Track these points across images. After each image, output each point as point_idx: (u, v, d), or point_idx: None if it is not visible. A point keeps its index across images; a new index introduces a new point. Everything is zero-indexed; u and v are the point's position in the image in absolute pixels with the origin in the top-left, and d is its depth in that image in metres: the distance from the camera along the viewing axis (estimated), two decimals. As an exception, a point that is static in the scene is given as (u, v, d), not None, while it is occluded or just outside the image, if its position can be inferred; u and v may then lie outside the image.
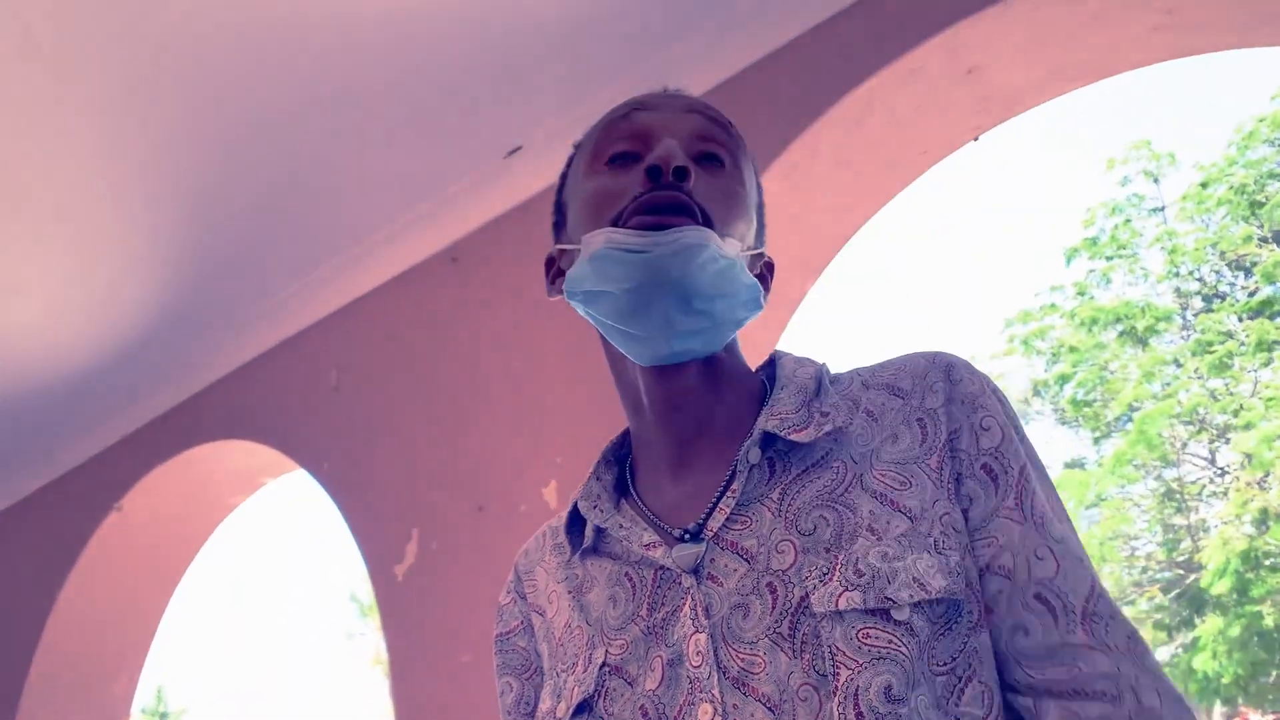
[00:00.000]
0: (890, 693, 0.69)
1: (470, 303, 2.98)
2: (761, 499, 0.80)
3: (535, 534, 0.98)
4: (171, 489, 3.92)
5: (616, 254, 0.79)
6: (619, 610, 0.82)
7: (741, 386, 0.88)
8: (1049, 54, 2.30)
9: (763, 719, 0.71)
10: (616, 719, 0.77)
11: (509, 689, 0.93)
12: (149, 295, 3.28)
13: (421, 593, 2.85)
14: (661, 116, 0.87)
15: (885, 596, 0.71)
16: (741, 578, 0.76)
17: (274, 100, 2.56)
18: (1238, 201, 14.65)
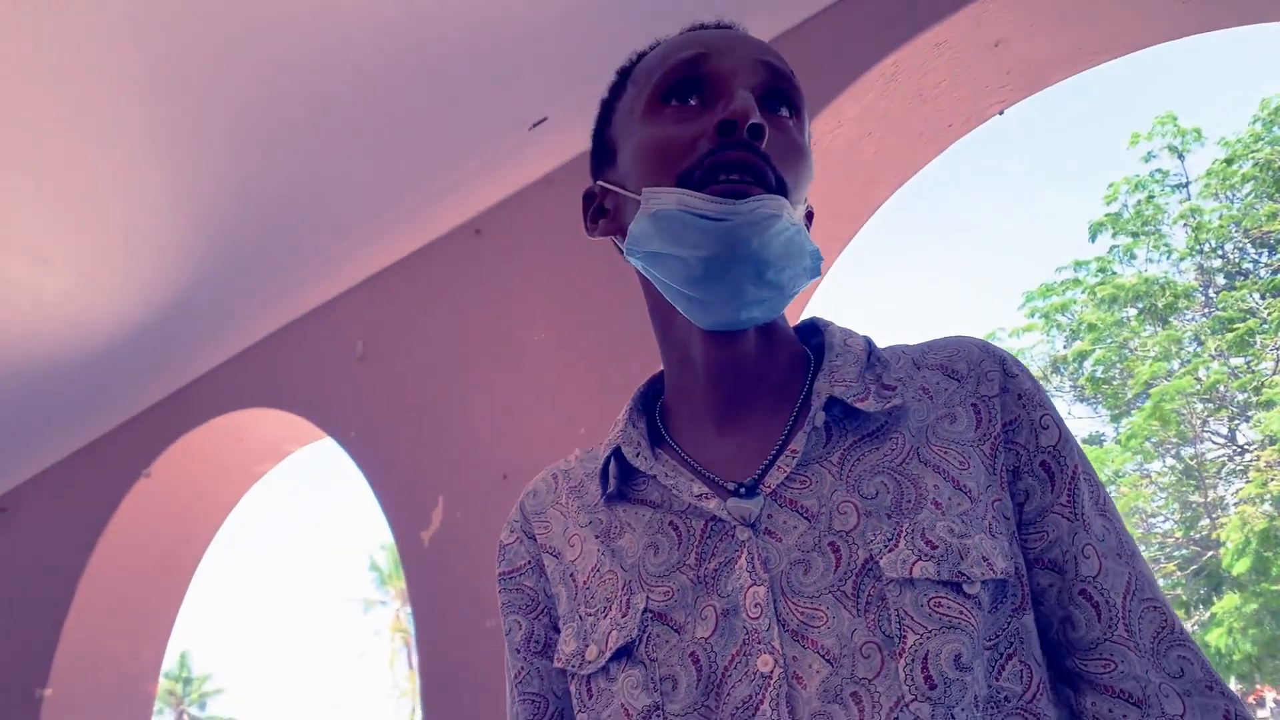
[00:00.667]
0: (959, 660, 0.71)
1: (494, 274, 3.01)
2: (821, 461, 0.80)
3: (541, 476, 0.96)
4: (199, 456, 3.98)
5: (690, 219, 0.76)
6: (661, 558, 0.82)
7: (790, 350, 0.87)
8: (1076, 27, 2.30)
9: (820, 669, 0.73)
10: (662, 664, 0.77)
11: (517, 626, 0.92)
12: (178, 265, 3.32)
13: (447, 558, 2.90)
14: (730, 62, 0.82)
15: (959, 571, 0.73)
16: (802, 535, 0.77)
17: (305, 77, 2.58)
18: (1263, 178, 14.49)
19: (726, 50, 0.83)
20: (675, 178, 0.78)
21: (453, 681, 2.80)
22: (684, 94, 0.82)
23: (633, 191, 0.83)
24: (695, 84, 0.82)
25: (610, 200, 0.88)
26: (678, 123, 0.81)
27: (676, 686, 0.76)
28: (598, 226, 0.91)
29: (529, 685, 0.91)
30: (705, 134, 0.79)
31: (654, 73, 0.85)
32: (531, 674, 0.91)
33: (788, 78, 0.84)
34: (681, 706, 0.76)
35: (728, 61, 0.82)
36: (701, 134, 0.79)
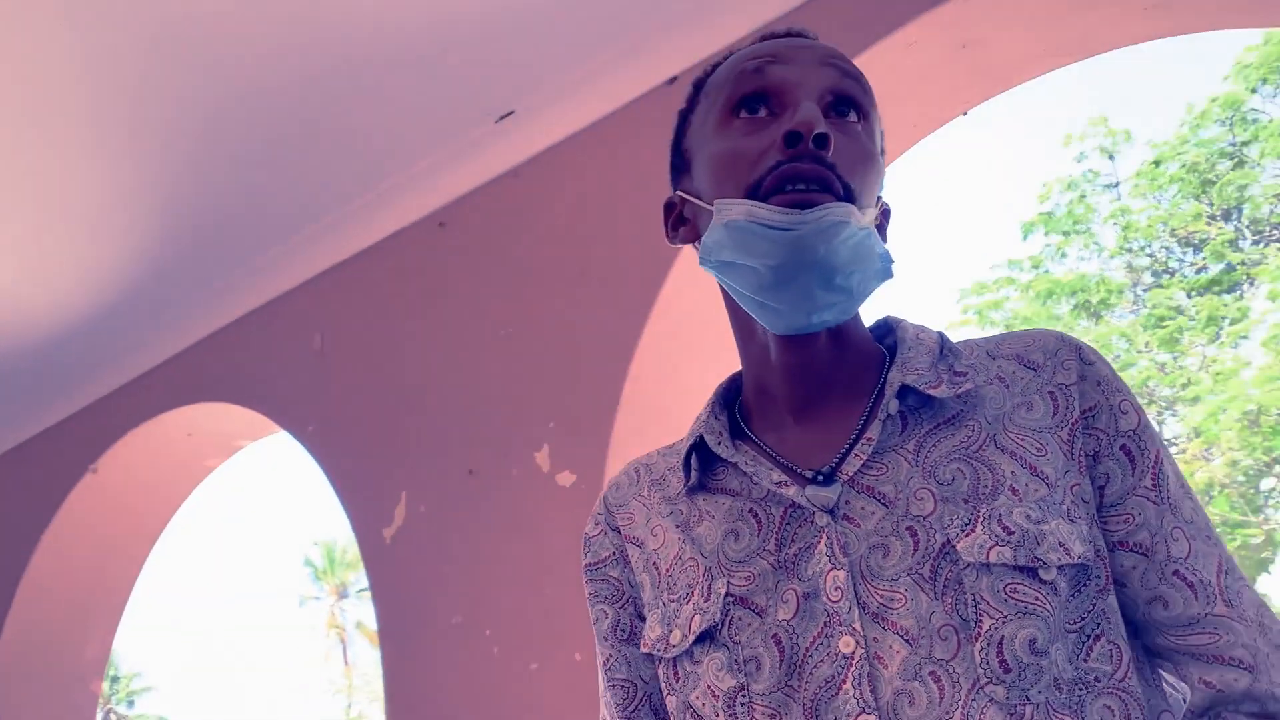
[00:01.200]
0: (1034, 645, 0.73)
1: (458, 268, 2.98)
2: (897, 448, 0.83)
3: (624, 470, 1.00)
4: (148, 451, 3.89)
5: (759, 229, 0.79)
6: (741, 544, 0.85)
7: (864, 347, 0.90)
8: (1044, 30, 2.35)
9: (899, 649, 0.75)
10: (745, 646, 0.80)
11: (604, 615, 0.95)
12: (130, 256, 3.25)
13: (411, 555, 2.87)
14: (796, 71, 0.85)
15: (1035, 557, 0.75)
16: (880, 520, 0.80)
17: (261, 62, 2.54)
18: (1189, 180, 14.91)
19: (792, 59, 0.86)
20: (745, 189, 0.82)
21: (418, 679, 2.78)
22: (753, 105, 0.85)
23: (706, 202, 0.86)
24: (763, 95, 0.85)
25: (689, 209, 0.92)
26: (747, 134, 0.84)
27: (760, 667, 0.79)
28: (678, 234, 0.94)
29: (617, 672, 0.94)
30: (773, 145, 0.81)
31: (724, 85, 0.88)
32: (619, 661, 0.94)
33: (854, 80, 0.86)
34: (766, 686, 0.79)
35: (794, 71, 0.85)
36: (770, 145, 0.82)
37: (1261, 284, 13.51)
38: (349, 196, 3.08)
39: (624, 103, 2.69)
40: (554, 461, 2.60)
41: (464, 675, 2.67)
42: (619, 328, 2.57)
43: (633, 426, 2.55)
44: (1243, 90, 14.27)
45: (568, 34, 2.56)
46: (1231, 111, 14.47)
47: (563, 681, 2.46)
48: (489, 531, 2.70)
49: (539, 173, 2.86)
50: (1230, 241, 14.56)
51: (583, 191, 2.75)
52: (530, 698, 2.52)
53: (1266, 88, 14.25)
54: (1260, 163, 14.46)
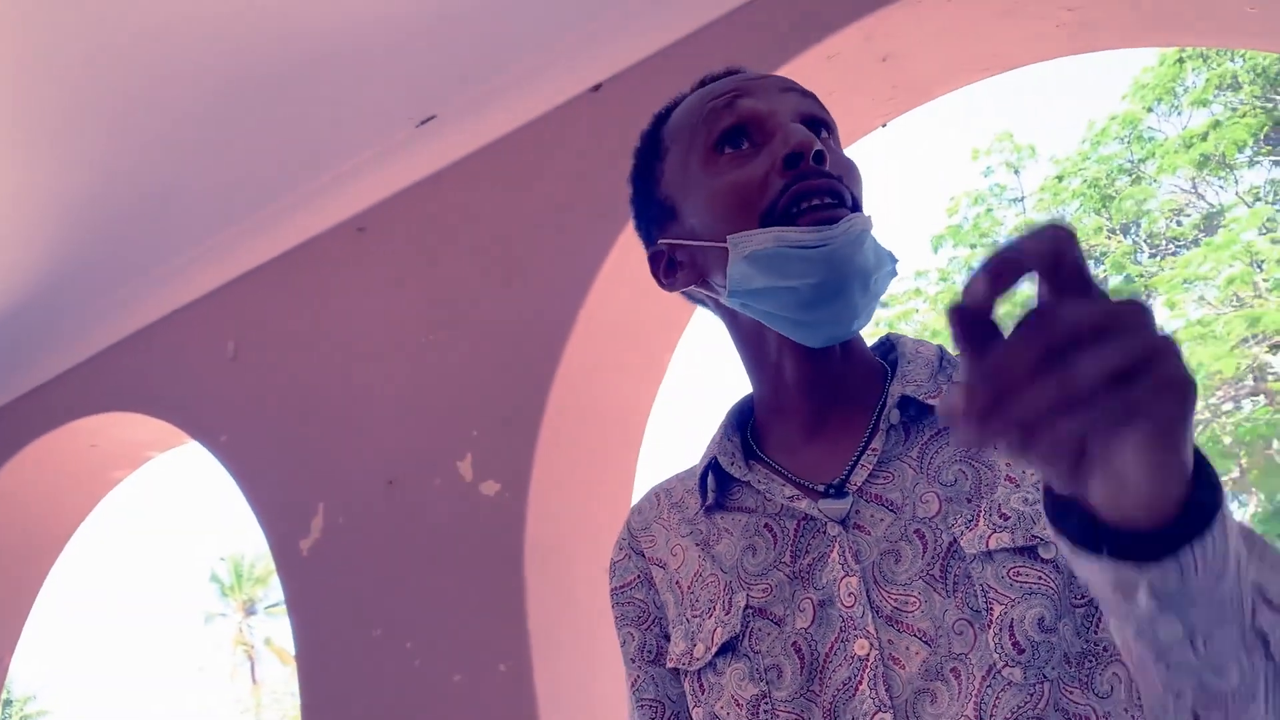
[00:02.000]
0: (1043, 623, 0.75)
1: (378, 274, 2.94)
2: (901, 457, 0.86)
3: (645, 495, 1.03)
4: (50, 463, 3.75)
5: (792, 252, 0.82)
6: (759, 558, 0.88)
7: (868, 362, 0.94)
8: (960, 45, 2.40)
9: (918, 650, 0.78)
10: (766, 655, 0.83)
11: (630, 638, 0.98)
12: (30, 258, 3.12)
13: (329, 568, 2.81)
14: (765, 101, 0.88)
15: (1032, 535, 0.78)
16: (889, 526, 0.83)
17: (174, 58, 2.47)
18: (1090, 194, 15.44)
19: (755, 90, 0.90)
20: (758, 217, 0.84)
21: (338, 695, 2.72)
22: (735, 140, 0.88)
23: (713, 240, 0.88)
24: (742, 129, 0.88)
25: (683, 254, 0.93)
26: (739, 167, 0.87)
27: (781, 675, 0.82)
28: (676, 280, 0.95)
29: (645, 692, 0.96)
30: (773, 169, 0.84)
31: (697, 128, 0.91)
32: (647, 682, 0.96)
33: (816, 101, 0.91)
34: (788, 693, 0.82)
35: (763, 101, 0.89)
36: (769, 170, 0.85)
37: (1158, 295, 14.03)
38: (265, 199, 3.01)
39: (548, 109, 2.68)
40: (477, 471, 2.57)
41: (385, 689, 2.62)
42: (543, 335, 2.55)
43: (558, 435, 2.53)
44: (1140, 109, 14.83)
45: (492, 39, 2.54)
46: (1129, 129, 15.04)
47: (487, 693, 2.43)
48: (410, 543, 2.66)
49: (461, 178, 2.83)
50: (1129, 254, 15.12)
51: (506, 197, 2.72)
52: (453, 711, 2.48)
53: (1161, 107, 14.83)
54: (1156, 179, 15.04)
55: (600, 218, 2.51)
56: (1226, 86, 13.89)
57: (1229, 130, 13.49)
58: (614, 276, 2.52)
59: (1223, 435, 13.16)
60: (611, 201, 2.50)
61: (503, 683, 2.40)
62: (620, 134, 2.56)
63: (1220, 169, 14.32)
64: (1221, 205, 14.83)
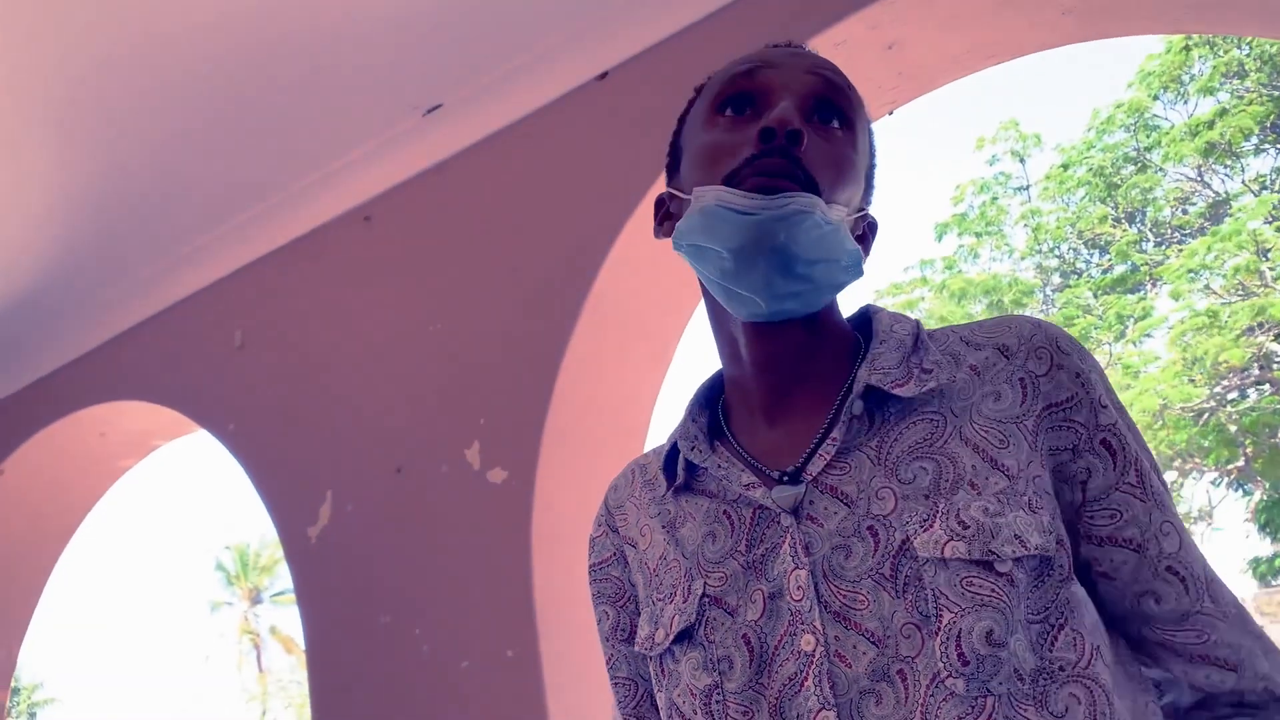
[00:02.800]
0: (991, 636, 0.74)
1: (385, 263, 2.94)
2: (860, 447, 0.84)
3: (623, 470, 1.02)
4: (58, 451, 3.77)
5: (724, 212, 0.81)
6: (718, 545, 0.86)
7: (838, 340, 0.91)
8: (966, 32, 2.40)
9: (866, 650, 0.77)
10: (719, 645, 0.82)
11: (605, 616, 0.99)
12: (41, 247, 3.13)
13: (338, 555, 2.83)
14: (782, 75, 0.88)
15: (989, 550, 0.76)
16: (842, 520, 0.81)
17: (183, 50, 2.47)
18: (1096, 183, 15.39)
19: (780, 64, 0.89)
20: (720, 179, 0.84)
21: (346, 681, 2.74)
22: (739, 105, 0.88)
23: (687, 194, 0.88)
24: (749, 97, 0.88)
25: (675, 205, 0.93)
26: (729, 130, 0.87)
27: (732, 666, 0.81)
28: (663, 229, 0.95)
29: (619, 670, 0.97)
30: (749, 140, 0.84)
31: (715, 86, 0.92)
32: (620, 660, 0.97)
33: (841, 90, 0.88)
34: (738, 685, 0.80)
35: (780, 74, 0.88)
36: (746, 140, 0.84)
37: (1164, 284, 13.99)
38: (272, 189, 3.01)
39: (554, 97, 2.68)
40: (484, 458, 2.58)
41: (393, 675, 2.64)
42: (550, 323, 2.56)
43: (565, 422, 2.54)
44: (1145, 97, 14.77)
45: (498, 27, 2.54)
46: (1135, 117, 14.97)
47: (495, 679, 2.44)
48: (418, 530, 2.67)
49: (467, 167, 2.83)
50: (1134, 243, 15.07)
51: (513, 186, 2.73)
52: (461, 696, 2.50)
53: (1167, 95, 14.77)
54: (1162, 167, 14.99)
55: (607, 206, 2.51)
56: (1233, 74, 13.83)
57: (1235, 118, 13.43)
58: (620, 264, 2.53)
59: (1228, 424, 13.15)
60: (618, 190, 2.51)
61: (510, 668, 2.41)
62: (626, 122, 2.57)
63: (1226, 157, 14.27)
64: (1228, 193, 14.77)
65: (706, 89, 0.94)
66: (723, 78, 0.91)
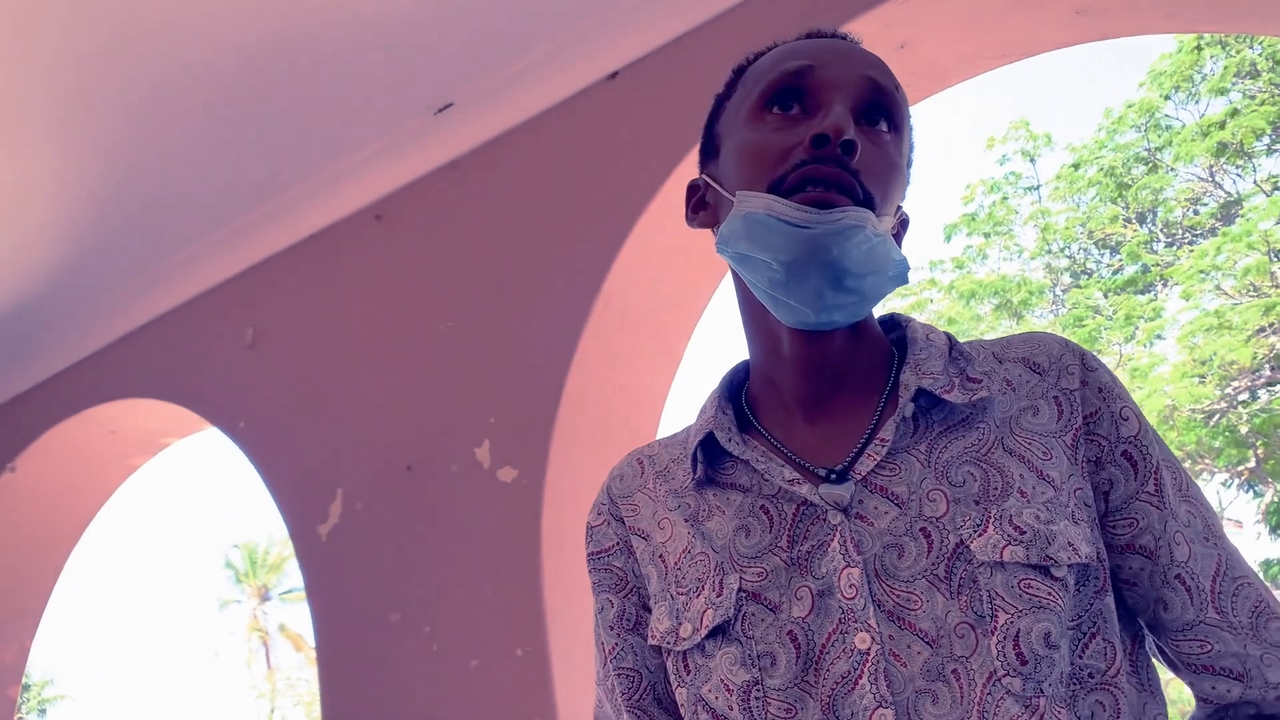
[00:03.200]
0: (1049, 638, 0.75)
1: (396, 261, 2.95)
2: (909, 449, 0.84)
3: (626, 460, 1.01)
4: (70, 449, 3.78)
5: (776, 224, 0.81)
6: (753, 540, 0.85)
7: (875, 344, 0.91)
8: (979, 31, 2.39)
9: (920, 650, 0.77)
10: (759, 641, 0.82)
11: (609, 605, 0.96)
12: (52, 246, 3.15)
13: (348, 553, 2.83)
14: (835, 74, 0.86)
15: (1047, 555, 0.77)
16: (894, 520, 0.81)
17: (194, 48, 2.48)
18: (1106, 183, 15.33)
19: (832, 62, 0.86)
20: (768, 184, 0.83)
21: (356, 679, 2.74)
22: (786, 102, 0.86)
23: (728, 191, 0.87)
24: (798, 93, 0.86)
25: (711, 195, 0.92)
26: (776, 130, 0.85)
27: (775, 663, 0.81)
28: (697, 217, 0.94)
29: (623, 660, 0.95)
30: (800, 144, 0.82)
31: (762, 78, 0.88)
32: (625, 650, 0.95)
33: (890, 93, 0.87)
34: (782, 682, 0.80)
35: (831, 73, 0.86)
36: (797, 144, 0.83)
37: (1175, 284, 13.94)
38: (283, 187, 3.02)
39: (565, 96, 2.68)
40: (495, 457, 2.58)
41: (403, 673, 2.64)
42: (561, 322, 2.56)
43: (575, 421, 2.55)
44: (1157, 97, 14.71)
45: (509, 26, 2.54)
46: (1146, 117, 14.91)
47: (504, 678, 2.44)
48: (428, 528, 2.68)
49: (478, 166, 2.83)
50: (1145, 243, 15.02)
51: (524, 185, 2.73)
52: (471, 695, 2.50)
53: (1179, 94, 14.71)
54: (1174, 167, 14.93)
55: (617, 205, 2.51)
56: (1245, 74, 13.77)
57: (1247, 118, 13.37)
58: (631, 263, 2.53)
59: (1239, 425, 13.10)
60: (629, 188, 2.51)
61: (520, 667, 2.41)
62: (637, 122, 2.57)
63: (1238, 157, 14.20)
64: (1239, 194, 14.71)
65: (750, 76, 0.91)
66: (770, 70, 0.88)
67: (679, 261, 2.64)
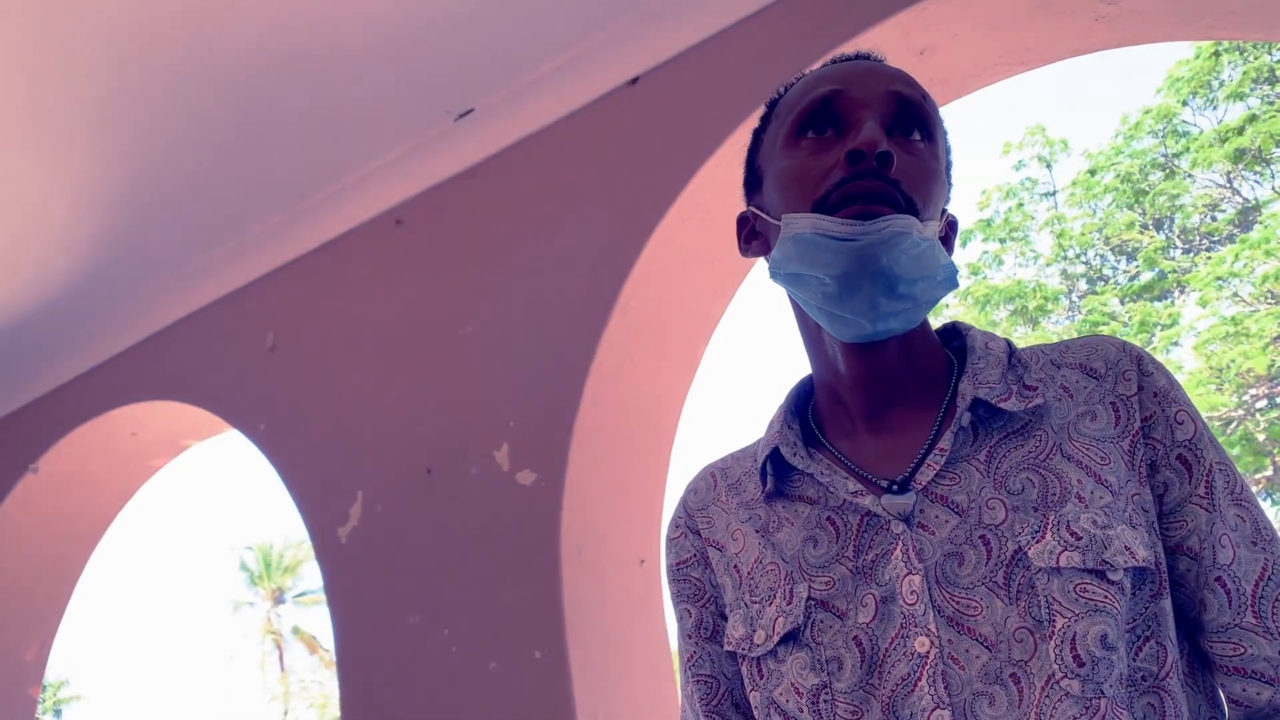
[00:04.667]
0: (1106, 640, 0.77)
1: (416, 266, 2.97)
2: (968, 459, 0.86)
3: (700, 474, 1.04)
4: (91, 450, 3.81)
5: (824, 240, 0.83)
6: (821, 550, 0.89)
7: (932, 355, 0.94)
8: (998, 39, 2.40)
9: (979, 654, 0.80)
10: (827, 648, 0.85)
11: (687, 614, 1.00)
12: (74, 248, 3.18)
13: (367, 555, 2.85)
14: (862, 93, 0.89)
15: (1103, 560, 0.79)
16: (954, 529, 0.84)
17: (215, 54, 2.50)
18: (1123, 189, 15.30)
19: (858, 82, 0.90)
20: (811, 204, 0.86)
21: (375, 681, 2.76)
22: (820, 126, 0.90)
23: (774, 218, 0.90)
24: (829, 117, 0.89)
25: (760, 225, 0.96)
26: (813, 154, 0.88)
27: (842, 667, 0.84)
28: (750, 248, 0.98)
29: (701, 668, 0.98)
30: (838, 164, 0.85)
31: (793, 108, 0.92)
32: (703, 658, 0.99)
33: (918, 104, 0.90)
34: (848, 685, 0.83)
35: (859, 93, 0.89)
36: (834, 163, 0.86)
37: (1192, 291, 13.88)
38: (304, 192, 3.05)
39: (585, 102, 2.70)
40: (514, 460, 2.60)
41: (422, 675, 2.66)
42: (580, 326, 2.57)
43: (594, 425, 2.56)
44: (1174, 103, 14.67)
45: (529, 32, 2.56)
46: (1164, 123, 14.87)
47: (523, 681, 2.46)
48: (447, 531, 2.69)
49: (498, 171, 2.85)
50: (1162, 249, 14.97)
51: (543, 191, 2.75)
52: (489, 697, 2.51)
53: (1197, 100, 14.66)
54: (1191, 173, 14.88)
55: (637, 211, 2.53)
56: (1263, 80, 13.71)
57: (1266, 124, 13.32)
58: (650, 269, 2.54)
59: (1256, 433, 13.02)
60: (648, 194, 2.52)
61: (538, 670, 2.42)
62: (657, 127, 2.58)
63: (1256, 164, 14.14)
64: (1257, 200, 14.65)
65: (782, 108, 0.95)
66: (800, 99, 0.92)
67: (698, 267, 2.65)
